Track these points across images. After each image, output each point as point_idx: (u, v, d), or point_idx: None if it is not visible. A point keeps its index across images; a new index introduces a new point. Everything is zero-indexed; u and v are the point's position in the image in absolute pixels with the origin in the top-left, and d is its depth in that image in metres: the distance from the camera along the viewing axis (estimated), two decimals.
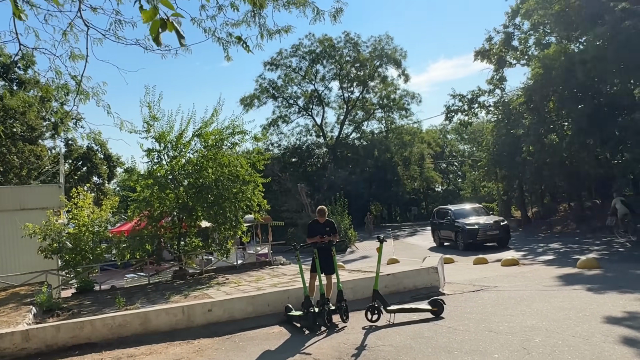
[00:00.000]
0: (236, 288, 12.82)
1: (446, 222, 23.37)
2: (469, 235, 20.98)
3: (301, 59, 46.97)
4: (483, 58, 36.29)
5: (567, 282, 10.63)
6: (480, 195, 46.74)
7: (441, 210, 25.75)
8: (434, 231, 25.59)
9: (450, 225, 22.71)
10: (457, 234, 21.82)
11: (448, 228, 23.13)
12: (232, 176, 16.80)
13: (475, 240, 20.84)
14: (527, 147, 24.71)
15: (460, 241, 21.48)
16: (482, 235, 20.88)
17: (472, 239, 20.90)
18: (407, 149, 48.86)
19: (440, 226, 24.35)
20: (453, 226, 22.38)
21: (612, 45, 15.98)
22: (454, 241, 22.34)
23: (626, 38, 15.74)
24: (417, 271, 10.51)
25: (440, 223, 24.42)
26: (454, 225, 22.27)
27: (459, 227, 21.81)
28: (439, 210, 25.80)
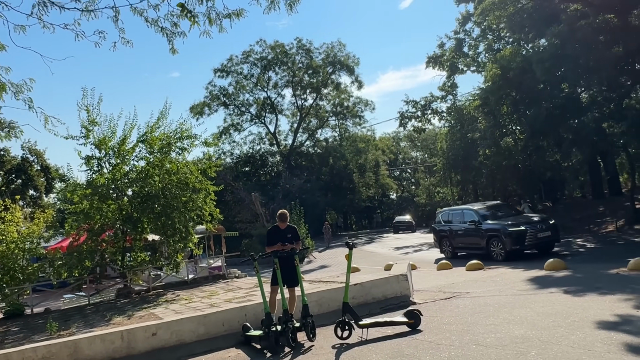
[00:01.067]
0: (187, 305, 11.66)
1: (466, 226, 18.23)
2: (515, 240, 16.11)
3: (253, 65, 45.97)
4: (435, 64, 36.55)
5: (541, 285, 10.10)
6: (435, 201, 46.99)
7: (453, 212, 20.22)
8: (442, 240, 19.88)
9: (475, 230, 17.66)
10: (492, 239, 16.81)
11: (470, 234, 18.10)
12: (181, 184, 15.60)
13: (523, 245, 16.19)
14: (484, 150, 24.68)
15: (497, 249, 16.52)
16: (532, 238, 16.23)
17: (518, 245, 16.13)
18: (362, 156, 48.59)
19: (454, 233, 19.04)
20: (480, 231, 17.38)
21: (570, 43, 16.04)
22: (482, 249, 17.17)
23: (583, 36, 15.82)
24: (386, 279, 9.70)
25: (452, 229, 19.16)
26: (482, 229, 17.30)
27: (494, 231, 16.85)
28: (449, 213, 20.31)
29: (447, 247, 19.70)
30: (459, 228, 18.92)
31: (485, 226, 17.41)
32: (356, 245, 7.86)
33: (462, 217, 18.97)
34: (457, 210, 20.25)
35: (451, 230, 19.30)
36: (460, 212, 19.61)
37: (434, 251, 24.72)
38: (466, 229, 18.37)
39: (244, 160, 47.10)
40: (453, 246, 19.24)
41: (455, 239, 19.07)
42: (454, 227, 19.27)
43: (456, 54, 33.70)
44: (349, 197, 47.33)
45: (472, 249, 18.08)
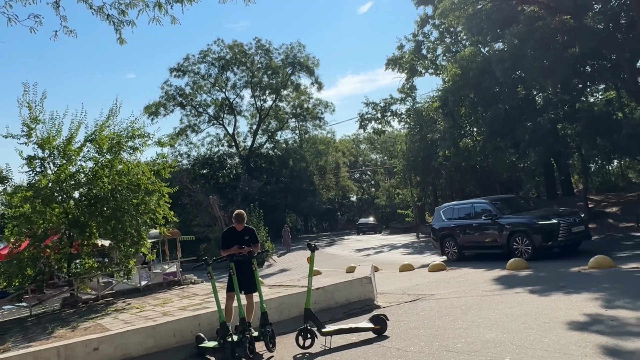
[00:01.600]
0: (138, 315, 10.88)
1: (479, 222, 15.72)
2: (546, 236, 13.94)
3: (210, 65, 44.87)
4: (394, 66, 36.68)
5: (506, 285, 9.94)
6: (395, 203, 47.21)
7: (459, 207, 17.38)
8: (444, 239, 17.13)
9: (492, 225, 15.21)
10: (516, 236, 14.54)
11: (484, 231, 15.58)
12: (132, 185, 14.70)
13: (556, 241, 13.96)
14: (443, 151, 24.78)
15: (522, 247, 14.30)
16: (566, 233, 14.02)
17: (550, 240, 13.93)
18: (322, 158, 48.29)
19: (461, 230, 16.44)
20: (500, 227, 14.97)
21: (529, 43, 16.21)
22: (501, 247, 14.98)
23: (541, 36, 16.02)
24: (349, 283, 9.29)
25: (458, 227, 16.55)
26: (502, 224, 14.89)
27: (519, 226, 14.57)
28: (454, 208, 17.43)
29: (451, 248, 16.85)
30: (468, 224, 16.16)
31: (505, 220, 14.90)
32: (318, 247, 7.38)
33: (472, 212, 16.32)
34: (464, 205, 17.30)
35: (457, 228, 16.49)
36: (470, 206, 16.76)
37: (395, 252, 24.66)
38: (479, 225, 15.67)
39: (201, 162, 45.88)
40: (460, 246, 16.50)
41: (463, 237, 16.32)
42: (461, 223, 16.45)
43: (415, 56, 33.93)
44: (310, 199, 46.90)
45: (486, 248, 15.65)
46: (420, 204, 39.76)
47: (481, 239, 15.86)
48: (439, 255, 17.68)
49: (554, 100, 21.66)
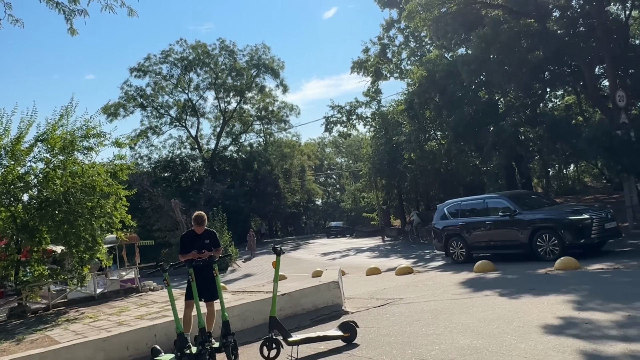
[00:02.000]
0: (91, 325, 10.21)
1: (495, 219, 14.07)
2: (578, 233, 12.45)
3: (172, 65, 43.75)
4: (360, 69, 36.68)
5: (475, 288, 9.78)
6: (360, 206, 47.23)
7: (468, 202, 15.77)
8: (449, 239, 15.51)
9: (511, 222, 13.65)
10: (541, 233, 12.93)
11: (501, 228, 13.96)
12: (87, 187, 13.90)
13: (588, 238, 12.53)
14: (409, 154, 24.80)
15: (548, 245, 12.72)
16: (599, 230, 12.61)
17: (583, 238, 12.45)
18: (287, 162, 47.80)
19: (472, 228, 14.77)
20: (520, 223, 13.41)
21: (494, 45, 16.36)
22: (521, 247, 13.45)
23: (507, 39, 16.19)
24: (316, 288, 8.91)
25: (468, 224, 14.89)
26: (524, 221, 13.36)
27: (545, 222, 13.05)
28: (461, 205, 15.77)
29: (457, 249, 15.20)
30: (479, 222, 14.58)
31: (528, 217, 13.39)
32: (284, 251, 6.97)
33: (484, 209, 14.75)
34: (474, 200, 15.73)
35: (466, 227, 14.86)
36: (482, 201, 15.16)
37: (361, 256, 24.46)
38: (494, 222, 14.08)
39: (163, 165, 44.60)
40: (469, 246, 14.84)
41: (473, 237, 14.69)
42: (470, 221, 14.86)
43: (380, 60, 34.02)
44: (274, 203, 46.32)
45: (502, 248, 14.13)
46: (385, 207, 39.85)
47: (496, 238, 14.17)
48: (443, 258, 16.49)
49: (517, 104, 21.99)
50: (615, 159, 17.32)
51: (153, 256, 40.84)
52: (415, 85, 22.70)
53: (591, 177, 50.55)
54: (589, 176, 51.27)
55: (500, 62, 16.66)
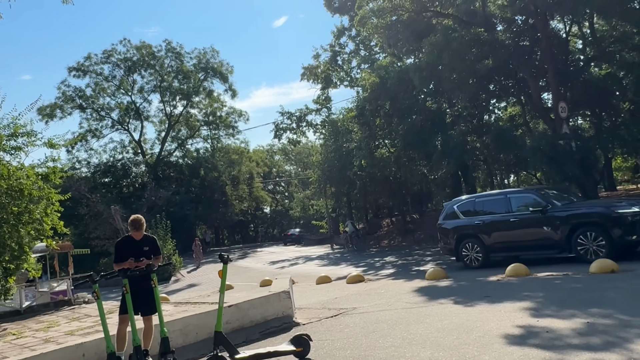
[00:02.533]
0: (13, 343, 9.14)
1: (522, 216, 12.44)
2: (629, 229, 10.86)
3: (115, 66, 41.84)
4: (310, 76, 36.52)
5: (430, 296, 9.54)
6: (309, 214, 46.86)
7: (486, 199, 13.98)
8: (462, 241, 13.58)
9: (542, 220, 11.97)
10: (583, 230, 11.29)
11: (530, 227, 12.29)
12: (13, 191, 12.66)
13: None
14: (359, 161, 24.69)
15: (591, 244, 11.14)
16: None
17: (635, 234, 10.86)
18: (235, 168, 46.71)
19: (492, 228, 12.98)
20: (555, 220, 11.79)
21: (446, 53, 16.52)
22: (555, 247, 11.89)
23: (458, 46, 16.38)
24: (265, 299, 8.35)
25: (486, 223, 13.09)
26: (560, 217, 11.76)
27: (588, 217, 11.53)
28: (475, 202, 13.97)
29: (472, 252, 13.30)
30: (501, 221, 12.80)
31: (564, 212, 11.80)
32: (231, 259, 6.40)
33: (506, 205, 12.92)
34: (492, 197, 13.92)
35: (484, 226, 13.06)
36: (503, 198, 13.30)
37: (311, 264, 24.02)
38: (521, 220, 12.43)
39: (103, 170, 42.42)
40: (487, 248, 13.06)
41: (494, 237, 12.91)
42: (489, 220, 13.06)
43: (331, 66, 33.99)
44: (222, 210, 45.08)
45: (532, 249, 12.46)
46: (334, 215, 39.68)
47: (524, 238, 12.43)
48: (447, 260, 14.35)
49: (464, 114, 22.37)
50: (557, 168, 17.84)
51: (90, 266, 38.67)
52: (366, 91, 22.68)
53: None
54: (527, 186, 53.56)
55: (451, 69, 16.88)
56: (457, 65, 16.54)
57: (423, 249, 23.47)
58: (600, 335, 5.43)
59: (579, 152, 18.08)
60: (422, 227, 30.57)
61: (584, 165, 18.74)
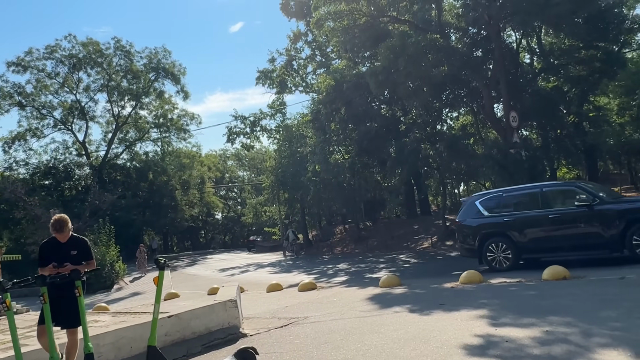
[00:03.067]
0: None
1: (564, 212, 11.16)
2: None
3: (59, 63, 39.72)
4: (266, 79, 35.96)
5: (383, 304, 9.19)
6: (262, 220, 46.02)
7: (516, 193, 12.45)
8: (486, 241, 12.00)
9: (589, 215, 10.77)
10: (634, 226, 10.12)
11: (574, 224, 11.03)
12: None
13: None
14: (313, 166, 24.31)
15: None
16: None
17: None
18: (186, 172, 45.27)
19: (523, 225, 11.57)
20: (604, 216, 10.67)
21: (402, 57, 16.45)
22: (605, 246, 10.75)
23: (414, 51, 16.34)
24: (210, 308, 7.73)
25: (518, 220, 11.64)
26: (612, 211, 10.70)
27: None
28: (502, 197, 12.43)
29: (499, 253, 11.76)
30: (539, 217, 11.40)
31: (616, 207, 10.79)
32: (169, 264, 5.78)
33: (542, 199, 11.62)
34: (525, 190, 12.38)
35: (516, 223, 11.60)
36: (538, 190, 11.88)
37: (262, 271, 23.35)
38: (563, 215, 11.09)
39: (43, 171, 40.05)
40: (519, 248, 11.60)
41: (528, 235, 11.49)
42: (523, 216, 11.63)
43: (286, 71, 33.57)
44: (170, 215, 43.52)
45: (577, 249, 11.12)
46: (287, 222, 39.11)
47: (567, 236, 11.07)
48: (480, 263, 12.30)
49: (418, 121, 22.46)
50: (508, 176, 18.08)
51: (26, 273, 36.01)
52: (322, 94, 22.37)
53: None
54: None
55: (406, 74, 16.84)
56: (412, 70, 16.52)
57: (376, 256, 23.32)
58: (561, 344, 5.19)
59: (528, 161, 18.43)
60: (375, 235, 30.54)
61: (532, 174, 19.12)
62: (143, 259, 30.57)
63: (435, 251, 21.94)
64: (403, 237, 27.04)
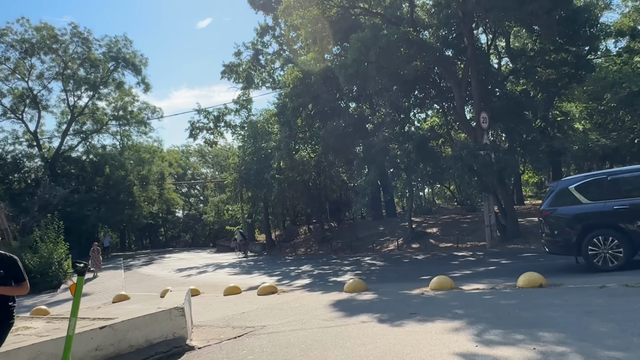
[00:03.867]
0: None
1: None
2: None
3: (10, 47, 37.29)
4: (231, 73, 34.75)
5: (349, 312, 8.40)
6: (223, 219, 44.63)
7: (627, 177, 10.34)
8: (590, 233, 9.99)
9: None
10: None
11: None
12: None
13: None
14: (278, 162, 23.34)
15: None
16: None
17: None
18: (145, 167, 43.41)
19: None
20: None
21: (374, 49, 15.70)
22: None
23: (386, 44, 15.62)
24: (152, 317, 6.73)
25: (635, 207, 9.62)
26: None
27: None
28: (607, 182, 10.14)
29: (606, 248, 9.76)
30: None
31: None
32: (88, 267, 4.77)
33: None
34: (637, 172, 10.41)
35: (632, 211, 9.64)
36: None
37: (221, 272, 22.24)
38: None
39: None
40: (636, 242, 9.62)
41: None
42: None
43: (253, 65, 32.46)
44: (127, 212, 41.61)
45: None
46: (250, 221, 37.97)
47: None
48: (577, 261, 10.47)
49: (387, 120, 21.85)
50: (477, 178, 17.65)
51: None
52: (288, 87, 21.42)
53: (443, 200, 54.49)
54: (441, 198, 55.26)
55: (378, 68, 16.11)
56: (384, 63, 15.81)
57: (341, 258, 22.59)
58: None
59: (497, 164, 18.05)
60: (339, 236, 29.84)
61: (501, 177, 18.79)
62: (96, 258, 28.77)
63: (401, 254, 21.37)
64: (368, 239, 26.43)
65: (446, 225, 25.69)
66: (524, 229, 19.89)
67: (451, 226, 25.18)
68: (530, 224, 20.91)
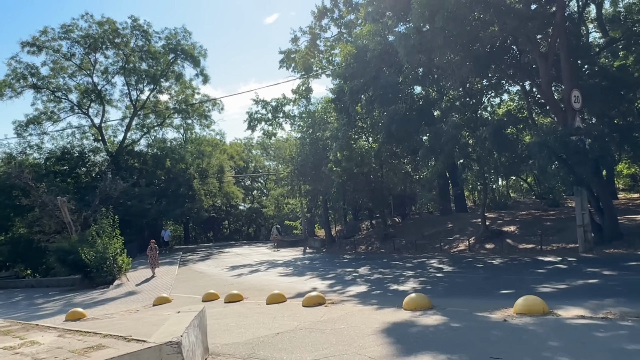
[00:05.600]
0: None
1: None
2: None
3: (75, 43, 37.74)
4: (289, 63, 33.15)
5: (403, 348, 6.28)
6: (283, 213, 43.44)
7: None
8: None
9: None
10: None
11: None
12: None
13: None
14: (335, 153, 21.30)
15: None
16: None
17: None
18: (204, 160, 42.94)
19: None
20: None
21: (440, 14, 13.20)
22: None
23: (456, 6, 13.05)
24: (133, 357, 5.01)
25: None
26: None
27: None
28: None
29: None
30: None
31: None
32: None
33: None
34: None
35: None
36: None
37: (273, 272, 20.73)
38: None
39: (58, 157, 38.40)
40: None
41: None
42: None
43: (310, 51, 30.58)
44: (188, 205, 41.33)
45: None
46: (309, 216, 36.37)
47: None
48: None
49: (457, 103, 19.24)
50: (568, 169, 14.73)
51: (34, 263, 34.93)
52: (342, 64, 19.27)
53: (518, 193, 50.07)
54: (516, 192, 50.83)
55: (446, 37, 13.53)
56: (453, 30, 13.23)
57: (403, 259, 20.30)
58: None
59: (592, 152, 15.04)
60: (403, 233, 27.48)
61: (597, 168, 15.73)
62: (154, 256, 28.00)
63: (473, 256, 18.75)
64: (435, 237, 23.89)
65: (525, 223, 22.58)
66: (625, 229, 16.61)
67: (532, 224, 22.07)
68: (632, 223, 17.55)
